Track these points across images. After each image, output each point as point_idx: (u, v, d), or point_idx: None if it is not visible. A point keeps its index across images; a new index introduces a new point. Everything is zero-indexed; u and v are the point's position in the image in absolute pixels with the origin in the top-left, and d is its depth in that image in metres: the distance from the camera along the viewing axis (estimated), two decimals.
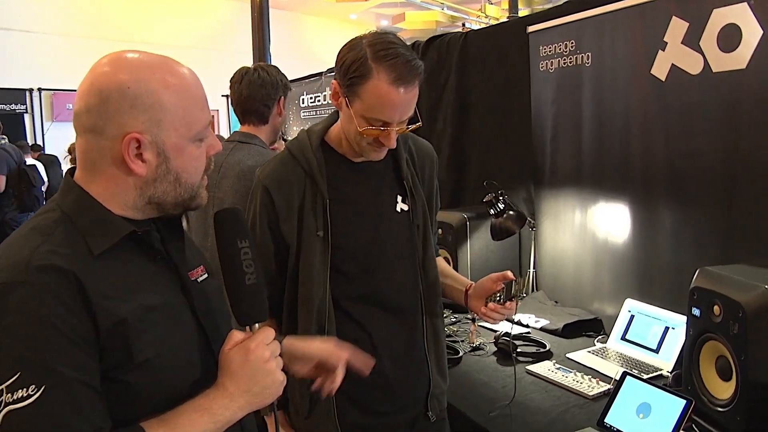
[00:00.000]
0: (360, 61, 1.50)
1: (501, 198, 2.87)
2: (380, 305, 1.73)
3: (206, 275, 1.28)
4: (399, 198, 1.75)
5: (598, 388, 2.22)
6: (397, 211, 1.74)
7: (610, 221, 2.84)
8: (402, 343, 1.77)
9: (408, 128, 1.61)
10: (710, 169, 2.38)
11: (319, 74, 5.97)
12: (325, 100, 6.00)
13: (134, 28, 12.24)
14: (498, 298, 1.72)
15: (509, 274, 1.73)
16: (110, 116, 1.06)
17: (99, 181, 1.10)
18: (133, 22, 12.36)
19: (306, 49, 13.45)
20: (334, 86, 1.59)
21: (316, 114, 6.19)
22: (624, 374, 2.02)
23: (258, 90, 2.56)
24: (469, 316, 2.95)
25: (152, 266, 1.15)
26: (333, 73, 1.60)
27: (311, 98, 6.26)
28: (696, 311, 1.87)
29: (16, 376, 0.95)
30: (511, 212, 2.88)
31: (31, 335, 0.97)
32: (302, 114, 6.45)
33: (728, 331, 1.74)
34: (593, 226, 2.94)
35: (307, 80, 6.28)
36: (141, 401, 1.07)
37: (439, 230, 3.26)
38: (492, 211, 2.89)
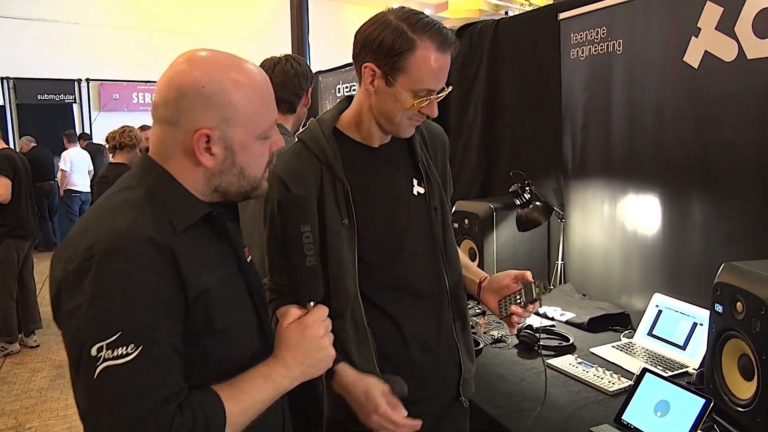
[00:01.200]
0: (401, 37, 1.50)
1: (527, 188, 2.81)
2: (406, 292, 1.70)
3: (250, 256, 1.38)
4: (415, 181, 1.73)
5: (618, 384, 2.16)
6: (414, 195, 1.72)
7: (640, 213, 2.76)
8: (431, 328, 1.75)
9: (442, 95, 1.59)
10: (744, 161, 2.29)
11: None
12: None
13: (180, 20, 12.39)
14: (519, 301, 1.67)
15: (528, 275, 1.68)
16: (185, 111, 1.14)
17: (172, 167, 1.19)
18: (178, 14, 12.52)
19: (347, 38, 13.39)
20: (369, 69, 1.56)
21: None
22: (643, 370, 1.96)
23: (291, 80, 2.58)
24: (480, 308, 2.90)
25: (218, 244, 1.24)
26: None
27: (347, 87, 6.25)
28: (719, 307, 1.80)
29: (118, 335, 1.04)
30: (537, 203, 2.82)
31: (133, 299, 1.05)
32: None
33: (750, 328, 1.67)
34: (623, 218, 2.86)
35: (342, 69, 6.28)
36: (212, 366, 1.18)
37: (466, 220, 3.23)
38: (518, 202, 2.83)
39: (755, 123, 2.24)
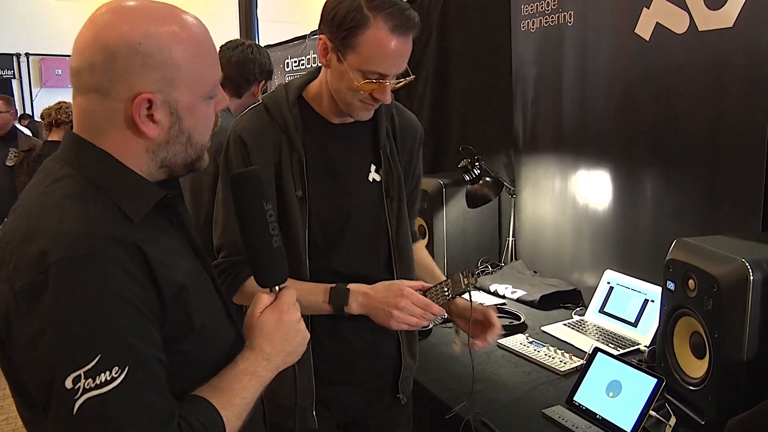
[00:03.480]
0: (355, 11, 1.41)
1: (477, 164, 2.75)
2: (345, 278, 1.61)
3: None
4: (372, 167, 1.65)
5: (570, 363, 2.12)
6: (369, 181, 1.64)
7: (591, 188, 2.72)
8: (375, 324, 1.67)
9: (401, 82, 1.52)
10: (694, 135, 2.25)
11: (303, 37, 5.81)
12: (309, 64, 5.84)
13: None
14: (447, 294, 1.55)
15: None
16: (119, 75, 0.97)
17: (108, 144, 1.02)
18: None
19: (297, 12, 13.19)
20: (323, 41, 1.48)
21: None
22: (595, 350, 1.92)
23: (247, 63, 2.56)
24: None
25: (171, 230, 1.11)
26: (316, 36, 1.49)
27: (295, 62, 6.09)
28: (671, 285, 1.76)
29: (97, 359, 0.87)
30: (487, 179, 2.76)
31: (107, 313, 0.90)
32: (287, 78, 6.28)
33: (703, 306, 1.63)
34: (574, 194, 2.82)
35: (291, 44, 6.12)
36: (194, 370, 1.06)
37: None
38: (467, 178, 2.76)
39: (705, 96, 2.20)
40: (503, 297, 2.81)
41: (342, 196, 1.62)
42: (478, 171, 2.74)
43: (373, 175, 1.65)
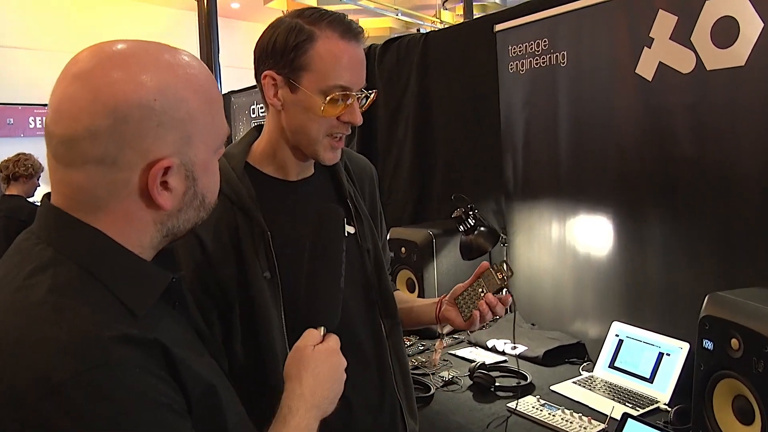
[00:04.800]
0: (296, 31, 1.27)
1: (471, 213, 2.59)
2: (345, 345, 1.42)
3: None
4: (345, 221, 1.47)
5: (591, 428, 1.95)
6: (344, 236, 1.46)
7: (592, 234, 2.59)
8: (373, 385, 1.49)
9: (369, 100, 1.36)
10: (704, 177, 2.14)
11: None
12: None
13: (81, 39, 11.67)
14: (481, 293, 1.42)
15: (484, 265, 1.47)
16: (129, 141, 0.80)
17: (105, 221, 0.84)
18: (80, 33, 11.79)
19: None
20: (268, 79, 1.31)
21: None
22: (624, 417, 1.75)
23: None
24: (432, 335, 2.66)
25: (176, 314, 0.94)
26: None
27: (261, 108, 5.94)
28: (708, 344, 1.61)
29: None
30: (482, 228, 2.60)
31: (139, 420, 0.74)
32: (253, 124, 6.11)
33: (751, 368, 1.48)
34: (572, 241, 2.68)
35: (256, 89, 5.96)
36: None
37: (402, 249, 2.98)
38: (461, 228, 2.61)
39: (716, 136, 2.10)
40: (503, 353, 2.64)
41: None
42: (473, 221, 2.58)
43: (347, 228, 1.45)
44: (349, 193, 1.46)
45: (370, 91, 1.35)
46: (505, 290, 1.46)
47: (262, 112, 5.93)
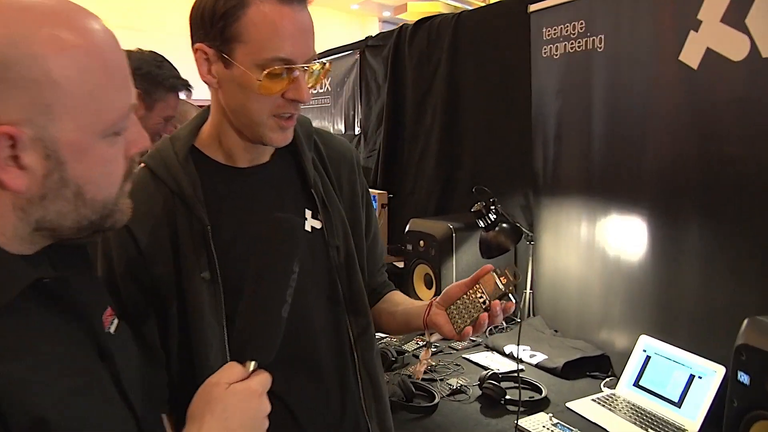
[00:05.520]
0: None
1: (492, 207, 2.39)
2: (297, 364, 1.24)
3: (116, 319, 0.92)
4: (308, 213, 1.27)
5: None
6: (307, 231, 1.26)
7: (625, 238, 2.35)
8: (333, 406, 1.29)
9: (317, 70, 1.14)
10: (752, 180, 1.89)
11: None
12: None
13: None
14: (482, 301, 1.17)
15: (488, 267, 1.21)
16: None
17: None
18: None
19: None
20: (199, 53, 1.11)
21: (302, 106, 5.69)
22: None
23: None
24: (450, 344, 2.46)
25: (56, 319, 0.77)
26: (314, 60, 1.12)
27: None
28: (744, 377, 1.39)
29: None
30: (504, 225, 2.40)
31: None
32: None
33: None
34: (603, 243, 2.45)
35: None
36: None
37: (421, 242, 2.79)
38: (481, 224, 2.40)
39: None
40: (521, 361, 2.43)
41: None
42: (494, 216, 2.38)
43: (311, 222, 1.26)
44: (314, 182, 1.26)
45: (319, 62, 1.14)
46: (507, 297, 1.23)
47: None
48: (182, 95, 2.20)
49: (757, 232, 1.88)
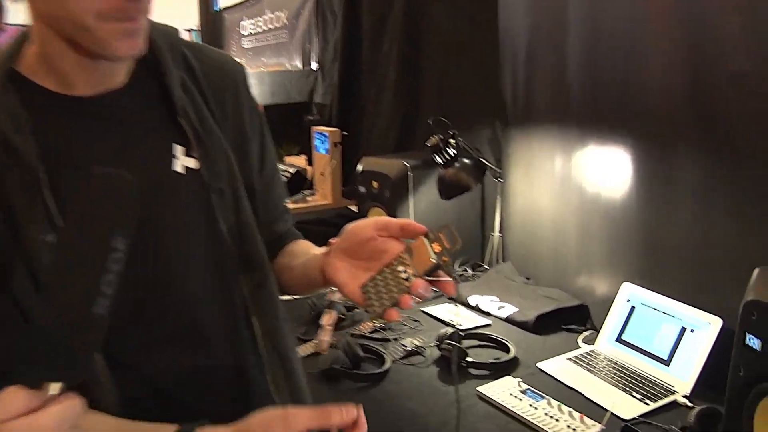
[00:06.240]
0: None
1: (452, 141, 2.06)
2: (176, 343, 0.92)
3: None
4: (178, 150, 0.93)
5: (582, 429, 1.46)
6: (177, 172, 0.92)
7: (606, 173, 2.04)
8: (232, 395, 0.99)
9: None
10: (760, 105, 1.57)
11: None
12: (266, 25, 5.10)
13: None
14: (403, 275, 0.82)
15: (413, 227, 0.85)
16: None
17: None
18: None
19: None
20: None
21: (258, 43, 5.29)
22: (626, 429, 1.26)
23: None
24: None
25: None
26: None
27: (252, 24, 5.36)
28: (753, 341, 1.10)
29: None
30: (465, 160, 2.08)
31: None
32: (244, 43, 5.55)
33: None
34: (581, 179, 2.14)
35: (247, 3, 5.38)
36: None
37: (374, 182, 2.47)
38: (439, 160, 2.08)
39: None
40: (488, 314, 2.14)
41: None
42: (454, 151, 2.06)
43: (183, 161, 0.93)
44: (183, 109, 0.92)
45: None
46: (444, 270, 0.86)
47: (253, 30, 5.35)
48: None
49: (761, 164, 1.57)
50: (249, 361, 0.99)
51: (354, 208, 2.86)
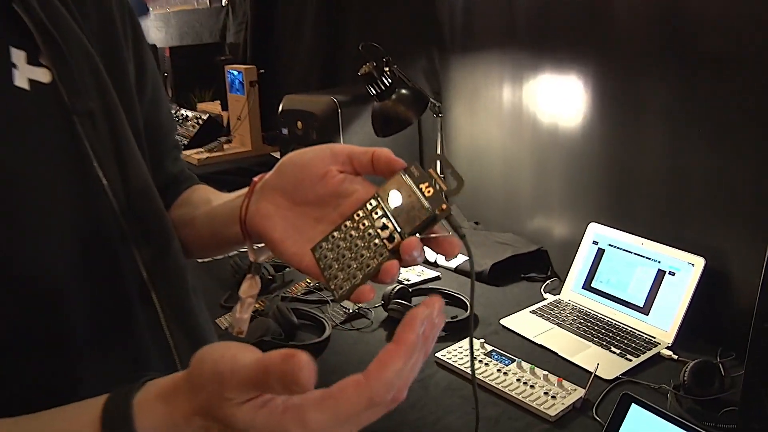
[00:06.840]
0: None
1: (386, 69, 1.78)
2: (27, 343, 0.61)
3: None
4: (18, 55, 0.60)
5: (562, 395, 1.24)
6: (19, 87, 0.59)
7: (563, 100, 1.80)
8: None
9: None
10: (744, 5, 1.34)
11: None
12: None
13: None
14: (380, 230, 0.53)
15: (391, 159, 0.57)
16: None
17: None
18: None
19: None
20: None
21: None
22: (626, 399, 1.04)
23: None
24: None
25: None
26: None
27: None
28: None
29: None
30: (403, 91, 1.80)
31: None
32: None
33: None
34: (534, 108, 1.89)
35: None
36: None
37: (298, 122, 2.16)
38: (373, 91, 1.80)
39: None
40: (435, 266, 1.90)
41: None
42: (389, 80, 1.77)
43: (27, 72, 0.60)
44: (25, 4, 0.59)
45: None
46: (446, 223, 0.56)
47: None
48: None
49: (741, 84, 1.36)
50: (149, 353, 0.70)
51: (277, 155, 2.56)
